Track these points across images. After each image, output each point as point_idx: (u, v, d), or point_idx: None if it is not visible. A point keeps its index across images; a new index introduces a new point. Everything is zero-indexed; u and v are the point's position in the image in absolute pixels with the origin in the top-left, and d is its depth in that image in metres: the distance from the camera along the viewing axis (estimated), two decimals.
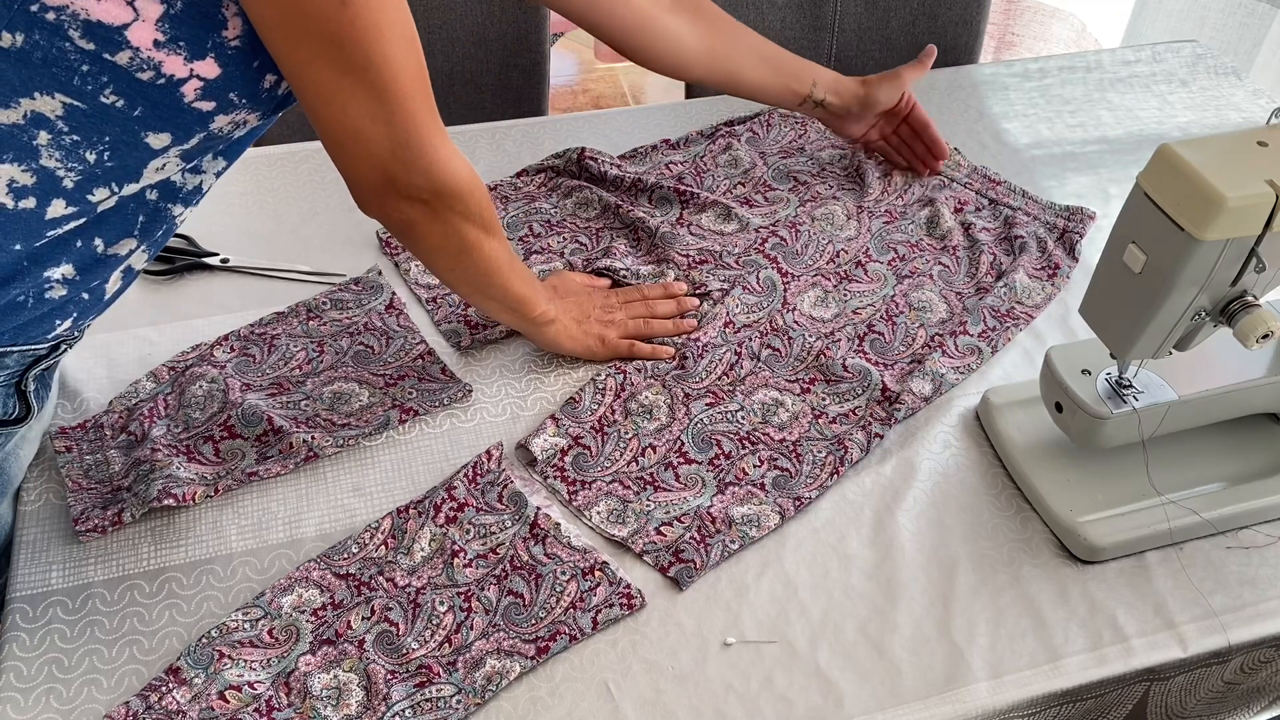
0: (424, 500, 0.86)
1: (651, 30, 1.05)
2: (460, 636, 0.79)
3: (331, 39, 0.67)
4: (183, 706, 0.74)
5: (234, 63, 0.68)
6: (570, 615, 0.80)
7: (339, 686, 0.75)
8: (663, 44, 1.06)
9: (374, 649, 0.77)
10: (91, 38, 0.63)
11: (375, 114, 0.71)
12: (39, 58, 0.63)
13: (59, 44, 0.63)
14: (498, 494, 0.87)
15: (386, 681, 0.75)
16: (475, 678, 0.76)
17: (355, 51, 0.68)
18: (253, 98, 0.71)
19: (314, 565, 0.82)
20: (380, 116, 0.72)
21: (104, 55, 0.64)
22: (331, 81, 0.69)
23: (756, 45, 1.11)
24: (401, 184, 0.76)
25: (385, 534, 0.84)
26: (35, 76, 0.64)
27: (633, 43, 1.06)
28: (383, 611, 0.79)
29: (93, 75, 0.65)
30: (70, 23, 0.62)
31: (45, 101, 0.65)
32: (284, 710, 0.74)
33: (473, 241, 0.83)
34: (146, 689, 0.74)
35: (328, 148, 0.75)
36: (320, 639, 0.78)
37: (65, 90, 0.65)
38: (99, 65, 0.64)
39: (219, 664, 0.76)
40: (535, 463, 0.90)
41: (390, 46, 0.69)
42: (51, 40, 0.63)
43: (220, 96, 0.69)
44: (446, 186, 0.78)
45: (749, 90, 1.12)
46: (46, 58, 0.63)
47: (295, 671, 0.76)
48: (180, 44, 0.65)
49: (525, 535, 0.84)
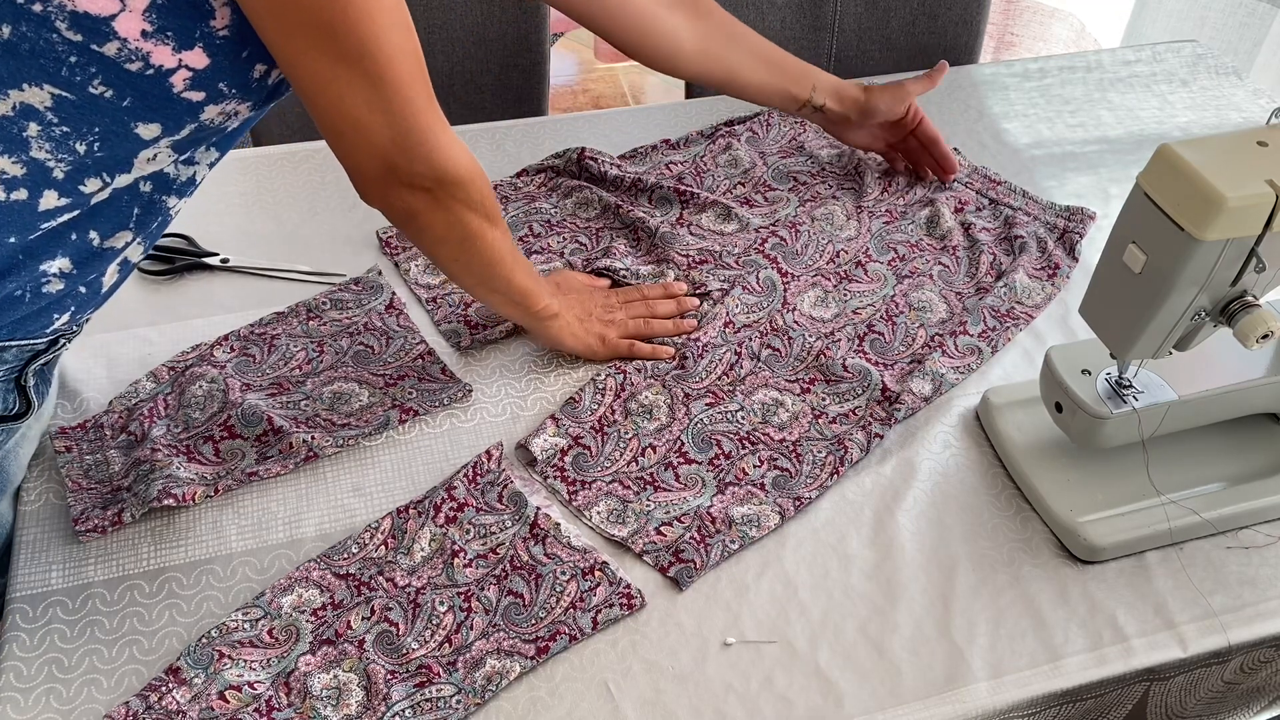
0: (424, 500, 0.86)
1: (650, 27, 1.05)
2: (460, 636, 0.79)
3: (325, 27, 0.67)
4: (183, 706, 0.74)
5: (222, 52, 0.68)
6: (570, 615, 0.80)
7: (339, 686, 0.75)
8: (661, 41, 1.06)
9: (374, 649, 0.77)
10: (79, 29, 0.63)
11: (373, 102, 0.71)
12: (26, 49, 0.63)
13: (46, 35, 0.63)
14: (498, 494, 0.87)
15: (386, 681, 0.75)
16: (475, 678, 0.76)
17: (350, 39, 0.68)
18: (243, 88, 0.71)
19: (314, 565, 0.82)
20: (378, 104, 0.72)
21: (92, 46, 0.64)
22: (327, 70, 0.69)
23: (756, 46, 1.10)
24: (403, 172, 0.76)
25: (385, 534, 0.84)
26: (23, 68, 0.64)
27: (631, 39, 1.06)
28: (383, 611, 0.79)
29: (81, 66, 0.65)
30: (57, 14, 0.62)
31: (34, 93, 0.65)
32: (284, 710, 0.74)
33: (476, 230, 0.83)
34: (146, 689, 0.74)
35: (327, 138, 0.74)
36: (320, 639, 0.78)
37: (54, 81, 0.65)
38: (87, 56, 0.64)
39: (219, 664, 0.76)
40: (535, 463, 0.90)
41: (385, 33, 0.69)
42: (39, 32, 0.63)
43: (209, 87, 0.69)
44: (448, 174, 0.78)
45: (746, 91, 1.11)
46: (34, 49, 0.63)
47: (295, 671, 0.76)
48: (168, 34, 0.65)
49: (525, 535, 0.84)
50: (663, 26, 1.05)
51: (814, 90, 1.11)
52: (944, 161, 1.18)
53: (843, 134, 1.17)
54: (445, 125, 0.77)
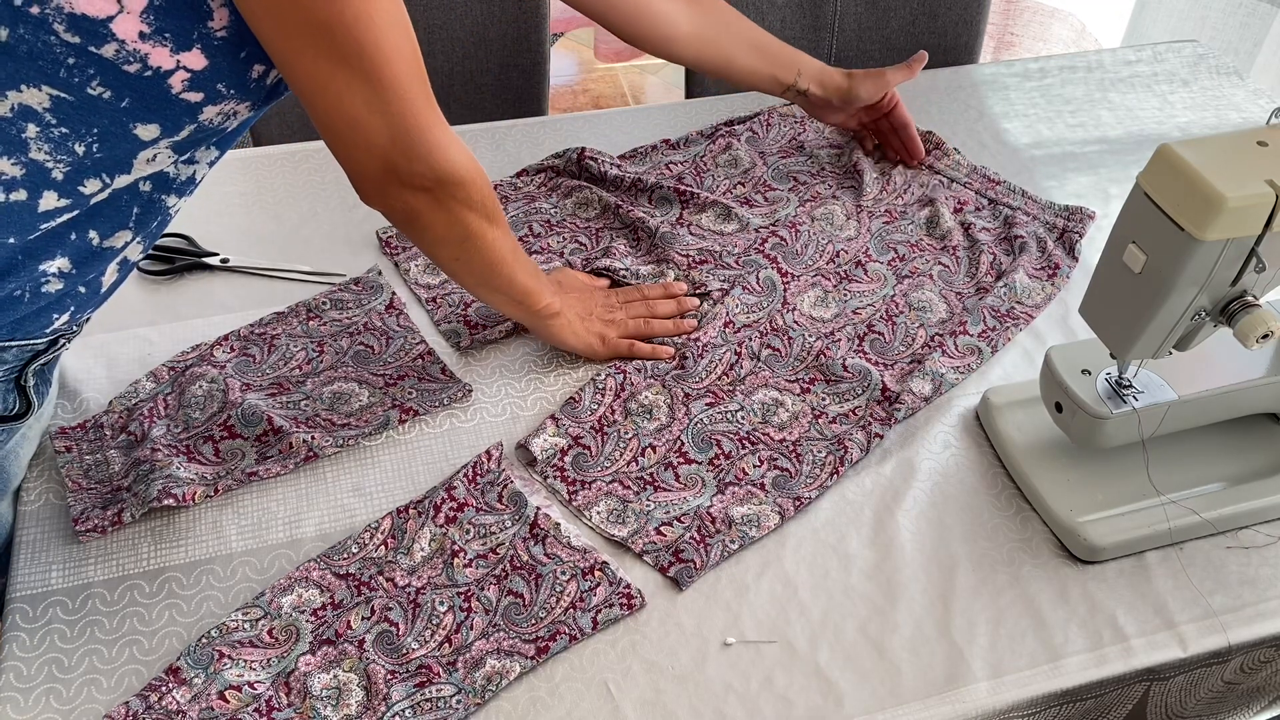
0: (424, 500, 0.86)
1: (646, 11, 1.08)
2: (460, 636, 0.79)
3: (322, 27, 0.67)
4: (183, 706, 0.74)
5: (221, 53, 0.68)
6: (570, 615, 0.80)
7: (339, 686, 0.75)
8: (656, 26, 1.09)
9: (374, 649, 0.77)
10: (76, 31, 0.63)
11: (371, 102, 0.71)
12: (24, 51, 0.63)
13: (44, 37, 0.63)
14: (497, 494, 0.87)
15: (386, 681, 0.75)
16: (475, 678, 0.76)
17: (348, 39, 0.68)
18: (241, 88, 0.71)
19: (314, 565, 0.82)
20: (376, 105, 0.71)
21: (90, 48, 0.64)
22: (325, 71, 0.69)
23: (747, 32, 1.14)
24: (403, 172, 0.76)
25: (385, 534, 0.84)
26: (21, 70, 0.64)
27: (628, 23, 1.08)
28: (382, 611, 0.79)
29: (79, 68, 0.65)
30: (55, 16, 0.62)
31: (32, 94, 0.65)
32: (284, 710, 0.74)
33: (476, 230, 0.83)
34: (146, 689, 0.74)
35: (326, 138, 0.74)
36: (320, 639, 0.78)
37: (52, 83, 0.65)
38: (85, 58, 0.64)
39: (219, 664, 0.76)
40: (535, 462, 0.90)
41: (383, 33, 0.69)
42: (36, 34, 0.63)
43: (208, 87, 0.69)
44: (448, 173, 0.78)
45: (738, 75, 1.15)
46: (32, 51, 0.63)
47: (295, 671, 0.76)
48: (166, 35, 0.65)
49: (525, 535, 0.84)
50: (660, 12, 1.08)
51: (799, 75, 1.15)
52: (910, 145, 1.21)
53: (821, 114, 1.22)
54: (445, 125, 0.77)
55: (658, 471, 0.90)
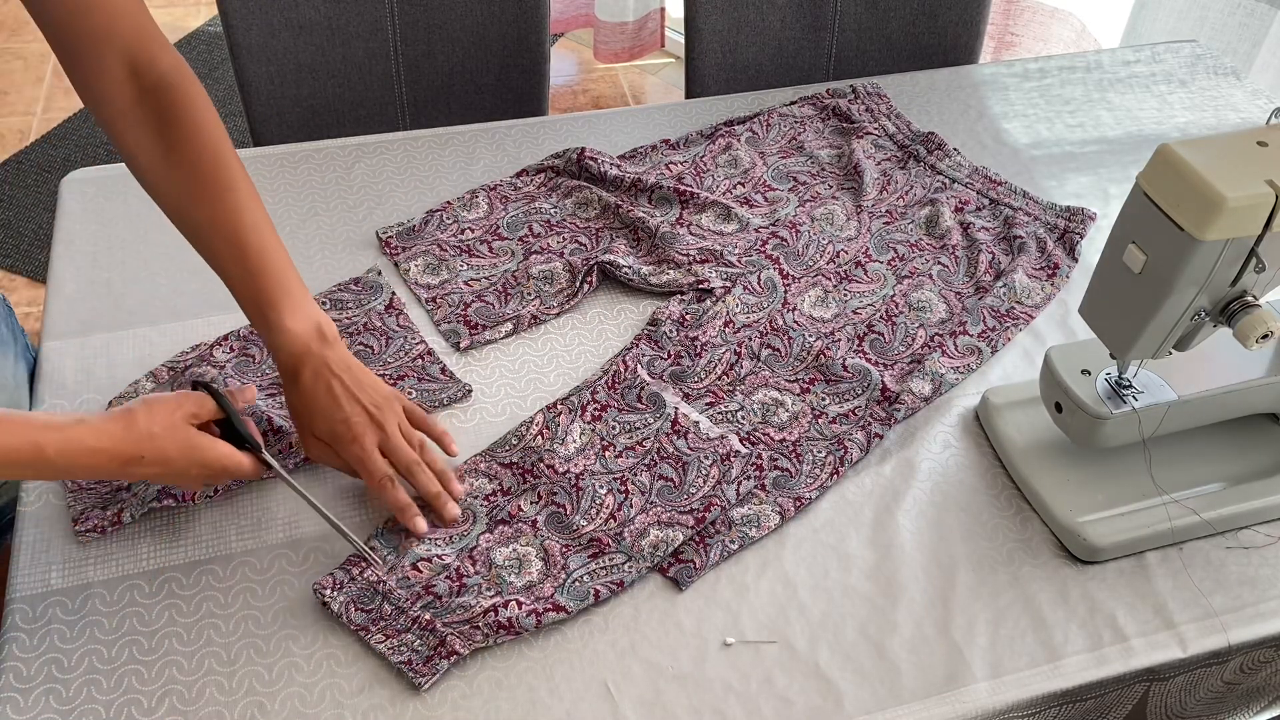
0: (570, 398, 0.94)
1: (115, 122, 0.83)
2: (623, 514, 0.86)
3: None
4: (382, 576, 0.80)
5: None
6: (719, 489, 0.87)
7: (519, 558, 0.83)
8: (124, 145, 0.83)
9: (546, 528, 0.85)
10: None
11: None
12: None
13: None
14: (636, 395, 0.94)
15: (562, 553, 0.83)
16: (643, 545, 0.84)
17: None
18: None
19: (480, 459, 0.90)
20: None
21: None
22: None
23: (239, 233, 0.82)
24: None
25: (539, 426, 0.92)
26: None
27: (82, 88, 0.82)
28: (548, 496, 0.87)
29: None
30: None
31: None
32: (473, 577, 0.81)
33: None
34: (346, 563, 0.82)
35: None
36: (495, 519, 0.85)
37: None
38: None
39: (407, 543, 0.83)
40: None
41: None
42: None
43: None
44: None
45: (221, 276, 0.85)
46: None
47: (477, 548, 0.83)
48: None
49: (668, 431, 0.92)
50: (124, 131, 0.82)
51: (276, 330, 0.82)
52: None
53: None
54: None
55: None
